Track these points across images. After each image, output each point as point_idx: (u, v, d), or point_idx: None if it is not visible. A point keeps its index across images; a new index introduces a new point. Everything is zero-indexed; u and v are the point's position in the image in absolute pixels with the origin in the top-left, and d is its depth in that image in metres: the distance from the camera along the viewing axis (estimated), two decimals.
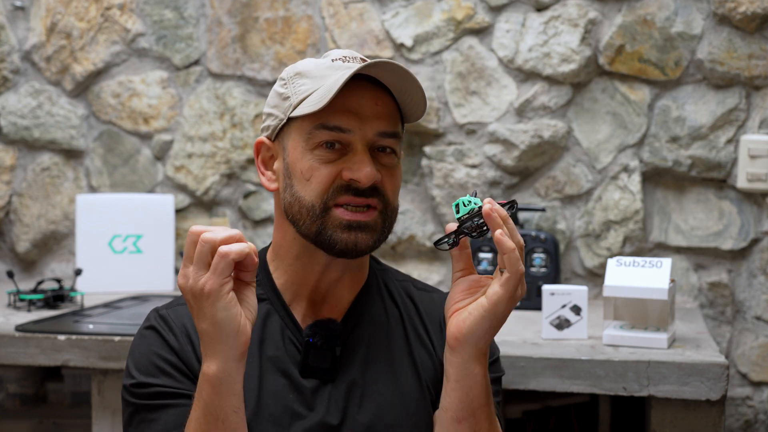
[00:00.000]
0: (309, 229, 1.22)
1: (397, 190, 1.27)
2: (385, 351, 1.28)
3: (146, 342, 1.24)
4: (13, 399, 2.39)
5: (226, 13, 2.55)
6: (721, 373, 1.69)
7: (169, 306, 1.28)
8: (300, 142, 1.22)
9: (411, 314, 1.33)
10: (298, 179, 1.22)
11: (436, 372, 1.29)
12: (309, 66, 1.26)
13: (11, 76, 2.65)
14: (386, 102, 1.24)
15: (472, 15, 2.42)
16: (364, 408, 1.24)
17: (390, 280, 1.36)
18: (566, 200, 2.41)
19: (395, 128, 1.24)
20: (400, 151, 1.27)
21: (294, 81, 1.25)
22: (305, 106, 1.21)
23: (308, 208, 1.21)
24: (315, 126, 1.21)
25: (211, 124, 2.57)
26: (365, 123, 1.21)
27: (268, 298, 1.28)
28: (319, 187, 1.21)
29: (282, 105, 1.25)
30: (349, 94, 1.20)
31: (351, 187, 1.20)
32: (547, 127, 2.38)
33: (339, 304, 1.29)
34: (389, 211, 1.25)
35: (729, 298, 2.35)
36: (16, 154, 2.68)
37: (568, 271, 2.42)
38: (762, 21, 2.28)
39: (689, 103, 2.34)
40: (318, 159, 1.21)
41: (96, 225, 2.44)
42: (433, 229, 2.47)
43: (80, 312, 2.12)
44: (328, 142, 1.21)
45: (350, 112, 1.21)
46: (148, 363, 1.22)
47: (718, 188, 2.35)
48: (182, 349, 1.22)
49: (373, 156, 1.22)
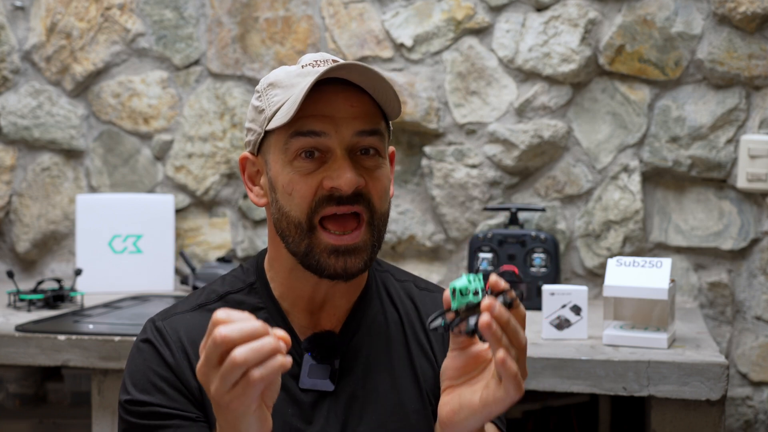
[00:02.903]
0: (298, 247, 1.19)
1: (384, 192, 1.21)
2: (384, 360, 1.26)
3: (142, 356, 1.22)
4: (13, 399, 2.39)
5: (226, 13, 2.55)
6: (721, 373, 1.69)
7: (165, 316, 1.25)
8: (279, 155, 1.19)
9: (412, 319, 1.30)
10: (282, 194, 1.19)
11: (437, 381, 1.25)
12: (280, 76, 1.22)
13: (11, 76, 2.65)
14: (363, 102, 1.19)
15: (472, 15, 2.42)
16: (365, 421, 1.22)
17: (390, 282, 1.33)
18: (566, 200, 2.41)
19: (375, 126, 1.20)
20: (386, 150, 1.23)
21: (267, 92, 1.22)
22: (277, 117, 1.18)
23: (296, 225, 1.18)
24: (290, 135, 1.17)
25: (211, 124, 2.57)
26: (341, 125, 1.17)
27: (265, 307, 1.25)
28: (302, 201, 1.17)
29: (258, 118, 1.22)
30: (321, 98, 1.16)
31: (333, 196, 1.16)
32: (547, 127, 2.38)
33: (337, 313, 1.26)
34: (377, 220, 1.20)
35: (729, 298, 2.35)
36: (16, 154, 2.68)
37: (568, 271, 2.42)
38: (762, 21, 2.28)
39: (689, 103, 2.34)
40: (297, 171, 1.17)
41: (96, 225, 2.44)
42: (433, 228, 2.47)
43: (80, 312, 2.12)
44: (307, 150, 1.17)
45: (323, 115, 1.16)
46: (143, 379, 1.20)
47: (718, 188, 2.35)
48: (178, 365, 1.20)
49: (355, 160, 1.18)
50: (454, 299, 1.03)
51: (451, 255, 2.48)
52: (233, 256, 2.59)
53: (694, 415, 1.73)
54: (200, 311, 1.25)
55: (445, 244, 2.48)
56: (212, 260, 2.56)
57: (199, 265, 2.56)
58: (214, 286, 1.30)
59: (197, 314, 1.25)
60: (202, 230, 2.61)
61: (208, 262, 2.49)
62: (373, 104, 1.21)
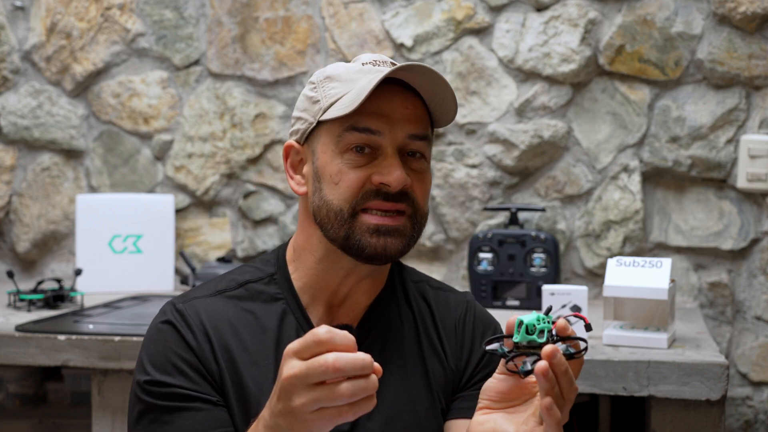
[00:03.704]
0: (337, 234, 1.20)
1: (427, 195, 1.25)
2: (397, 358, 1.27)
3: (163, 337, 1.21)
4: (13, 399, 2.39)
5: (226, 13, 2.55)
6: (721, 373, 1.69)
7: (185, 299, 1.25)
8: (330, 146, 1.21)
9: (425, 318, 1.31)
10: (327, 183, 1.21)
11: (447, 381, 1.28)
12: (339, 70, 1.25)
13: (11, 76, 2.65)
14: (416, 105, 1.23)
15: (472, 15, 2.42)
16: (376, 416, 1.22)
17: (407, 282, 1.35)
18: (566, 200, 2.41)
19: (425, 131, 1.23)
20: (430, 156, 1.26)
21: (324, 85, 1.24)
22: (336, 109, 1.20)
23: (336, 212, 1.20)
24: (345, 128, 1.20)
25: (211, 124, 2.57)
26: (395, 125, 1.20)
27: (284, 298, 1.26)
28: (348, 191, 1.19)
29: (312, 108, 1.24)
30: (379, 97, 1.18)
31: (381, 191, 1.19)
32: (547, 127, 2.38)
33: (356, 309, 1.28)
34: (419, 216, 1.23)
35: (729, 298, 2.35)
36: (16, 154, 2.68)
37: (568, 271, 2.42)
38: (762, 21, 2.28)
39: (689, 103, 2.34)
40: (347, 163, 1.20)
41: (96, 225, 2.44)
42: (433, 228, 2.47)
43: (80, 312, 2.12)
44: (358, 145, 1.19)
45: (380, 114, 1.19)
46: (164, 360, 1.19)
47: (718, 188, 2.35)
48: (200, 348, 1.20)
49: (402, 161, 1.21)
50: (518, 332, 1.02)
51: (451, 255, 2.48)
52: (233, 256, 2.59)
53: (694, 415, 1.73)
54: (220, 297, 1.26)
55: (445, 244, 2.48)
56: (212, 260, 2.56)
57: (199, 265, 2.56)
58: (233, 274, 1.30)
59: (218, 299, 1.25)
60: (202, 230, 2.61)
61: (208, 262, 2.49)
62: (425, 109, 1.24)
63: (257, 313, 1.25)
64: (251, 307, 1.25)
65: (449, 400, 1.28)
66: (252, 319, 1.24)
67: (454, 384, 1.29)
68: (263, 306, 1.26)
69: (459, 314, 1.33)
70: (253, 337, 1.23)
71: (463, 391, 1.29)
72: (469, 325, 1.32)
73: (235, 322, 1.23)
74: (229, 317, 1.24)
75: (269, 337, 1.23)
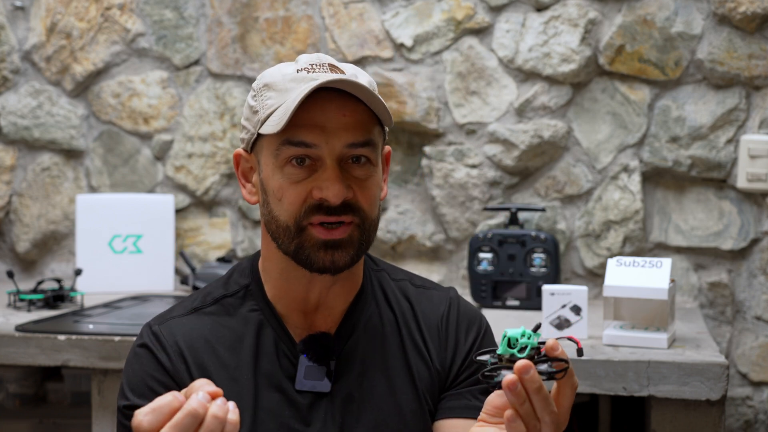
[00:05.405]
0: (288, 248, 1.19)
1: (374, 199, 1.21)
2: (380, 361, 1.25)
3: (139, 361, 1.22)
4: (13, 399, 2.39)
5: (226, 13, 2.55)
6: (721, 373, 1.69)
7: (162, 320, 1.26)
8: (270, 158, 1.19)
9: (407, 318, 1.29)
10: (272, 198, 1.19)
11: (433, 381, 1.26)
12: (276, 77, 1.21)
13: (11, 76, 2.65)
14: (355, 110, 1.18)
15: (472, 15, 2.42)
16: (362, 422, 1.22)
17: (386, 281, 1.32)
18: (566, 200, 2.41)
19: (367, 137, 1.18)
20: (379, 157, 1.22)
21: (262, 94, 1.21)
22: (269, 123, 1.18)
23: (284, 228, 1.19)
24: (281, 142, 1.17)
25: (211, 124, 2.57)
26: (332, 136, 1.16)
27: (260, 309, 1.25)
28: (291, 207, 1.17)
29: (252, 119, 1.22)
30: (314, 106, 1.15)
31: (322, 206, 1.16)
32: (547, 127, 2.38)
33: (332, 314, 1.26)
34: (367, 224, 1.20)
35: (729, 298, 2.35)
36: (16, 154, 2.68)
37: (568, 271, 2.42)
38: (762, 21, 2.28)
39: (689, 103, 2.34)
40: (287, 178, 1.17)
41: (96, 225, 2.44)
42: (433, 228, 2.47)
43: (80, 312, 2.12)
44: (297, 157, 1.16)
45: (315, 126, 1.15)
46: (141, 384, 1.20)
47: (718, 188, 2.35)
48: (175, 369, 1.20)
49: (346, 168, 1.18)
50: (502, 345, 1.01)
51: (451, 255, 2.48)
52: (233, 256, 2.59)
53: (694, 415, 1.73)
54: (196, 315, 1.26)
55: (445, 244, 2.48)
56: (212, 260, 2.56)
57: (199, 265, 2.56)
58: (210, 288, 1.30)
59: (193, 318, 1.25)
60: (202, 230, 2.61)
61: (208, 262, 2.49)
62: (367, 111, 1.20)
63: (234, 327, 1.24)
64: (228, 323, 1.25)
65: (436, 401, 1.26)
66: (229, 334, 1.24)
67: (440, 384, 1.27)
68: (240, 320, 1.25)
69: (442, 312, 1.30)
70: (230, 352, 1.23)
71: (449, 390, 1.27)
72: (453, 322, 1.29)
73: (212, 339, 1.23)
74: (205, 335, 1.23)
75: (247, 351, 1.22)
